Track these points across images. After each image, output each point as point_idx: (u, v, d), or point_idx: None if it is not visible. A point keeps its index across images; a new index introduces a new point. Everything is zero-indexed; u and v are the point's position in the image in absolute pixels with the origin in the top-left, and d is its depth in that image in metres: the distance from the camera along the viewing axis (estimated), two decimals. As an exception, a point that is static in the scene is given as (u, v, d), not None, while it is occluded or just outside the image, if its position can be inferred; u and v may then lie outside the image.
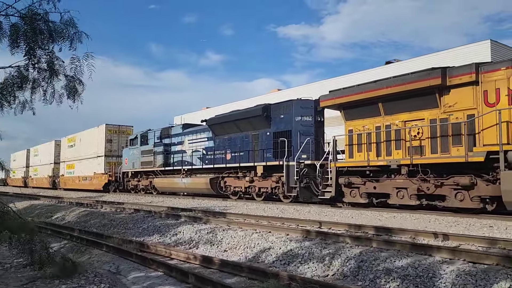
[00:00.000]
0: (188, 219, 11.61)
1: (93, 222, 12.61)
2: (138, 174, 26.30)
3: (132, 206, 16.94)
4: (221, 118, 19.21)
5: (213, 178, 19.37)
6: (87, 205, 17.67)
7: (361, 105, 12.94)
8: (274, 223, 10.49)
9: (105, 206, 16.50)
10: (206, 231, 9.58)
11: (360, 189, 12.81)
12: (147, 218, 12.51)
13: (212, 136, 20.10)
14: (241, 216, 11.93)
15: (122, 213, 14.34)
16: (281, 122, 16.23)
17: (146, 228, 11.14)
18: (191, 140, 21.66)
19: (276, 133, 16.41)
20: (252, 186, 17.31)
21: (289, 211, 13.28)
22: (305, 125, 15.61)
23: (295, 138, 15.61)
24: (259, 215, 11.81)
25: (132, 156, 26.53)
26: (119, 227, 11.70)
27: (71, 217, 14.36)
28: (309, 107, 15.68)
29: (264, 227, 9.27)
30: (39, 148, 49.25)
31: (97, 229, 11.76)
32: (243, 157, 17.73)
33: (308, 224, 9.81)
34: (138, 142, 25.92)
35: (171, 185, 22.45)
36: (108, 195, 27.54)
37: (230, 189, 18.59)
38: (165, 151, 23.25)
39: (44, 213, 16.53)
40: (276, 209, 14.10)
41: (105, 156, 31.36)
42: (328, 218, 11.18)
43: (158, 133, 24.46)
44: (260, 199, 17.10)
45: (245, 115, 17.59)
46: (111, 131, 32.19)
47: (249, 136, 17.75)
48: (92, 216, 13.54)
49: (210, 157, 20.03)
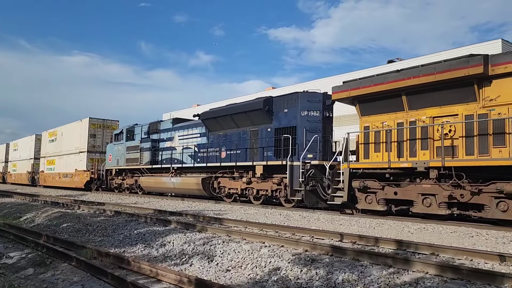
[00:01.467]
0: (179, 226, 9.80)
1: (66, 227, 10.70)
2: (123, 172, 24.32)
3: (113, 207, 15.03)
4: (216, 112, 17.41)
5: (206, 178, 17.55)
6: (63, 205, 15.70)
7: (380, 98, 11.30)
8: (283, 233, 8.76)
9: (83, 207, 14.56)
10: (201, 241, 7.79)
11: (377, 195, 11.14)
12: (130, 223, 10.66)
13: (205, 132, 18.28)
14: (241, 223, 10.17)
15: (101, 215, 12.44)
16: (284, 117, 14.50)
17: (128, 235, 9.30)
18: (182, 136, 19.80)
19: (279, 129, 14.67)
20: (249, 188, 15.54)
21: (295, 218, 11.56)
22: (312, 121, 13.90)
23: (300, 135, 13.90)
24: (262, 223, 10.05)
25: (117, 153, 24.54)
26: (96, 234, 9.83)
27: (41, 219, 12.41)
28: (316, 101, 13.98)
29: (274, 239, 7.51)
30: (19, 142, 46.76)
31: (69, 235, 9.86)
32: (240, 155, 15.96)
33: (325, 235, 8.10)
34: (124, 137, 23.96)
35: (159, 185, 20.55)
36: (90, 194, 25.51)
37: (224, 190, 16.79)
38: (152, 148, 21.34)
39: (13, 213, 14.51)
40: (279, 215, 12.36)
41: (88, 152, 29.29)
42: (346, 228, 9.48)
43: (145, 128, 22.54)
44: (258, 202, 15.35)
45: (244, 109, 15.82)
46: (95, 125, 30.13)
47: (247, 133, 15.99)
48: (65, 219, 11.62)
49: (202, 155, 18.21)
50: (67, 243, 8.52)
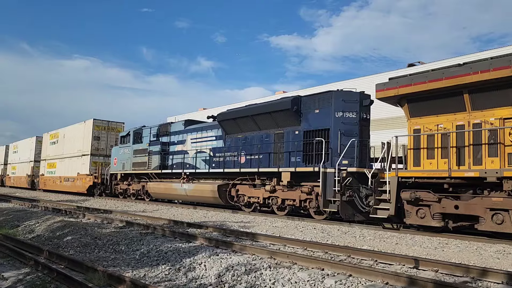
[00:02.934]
0: (205, 242, 8.25)
1: (71, 240, 9.16)
2: (129, 177, 22.78)
3: (122, 216, 13.50)
4: (235, 113, 15.91)
5: (222, 185, 16.01)
6: (66, 213, 14.15)
7: (436, 97, 9.81)
8: (335, 254, 7.22)
9: (88, 215, 13.01)
10: (242, 267, 6.25)
11: (432, 208, 9.61)
12: (146, 237, 9.13)
13: (221, 135, 16.77)
14: (278, 240, 8.62)
15: (110, 226, 10.90)
16: (315, 119, 13.00)
17: (145, 253, 7.76)
18: (195, 139, 18.29)
19: (308, 132, 13.17)
20: (273, 197, 13.99)
21: (334, 233, 10.01)
22: (348, 123, 12.40)
23: (334, 138, 12.39)
24: (304, 241, 8.52)
25: (123, 156, 23.01)
26: (107, 250, 8.29)
27: (42, 229, 10.86)
28: (353, 101, 12.49)
29: (336, 265, 5.97)
30: (19, 144, 45.26)
31: (74, 250, 8.33)
32: (262, 161, 14.44)
33: (393, 260, 6.55)
34: (131, 140, 22.43)
35: (169, 191, 18.99)
36: (93, 199, 23.96)
37: (244, 199, 15.25)
38: (162, 151, 19.81)
39: (10, 221, 12.96)
40: (313, 229, 10.82)
41: (91, 155, 27.78)
42: (406, 248, 7.94)
43: (154, 130, 21.02)
44: (283, 213, 13.79)
45: (268, 109, 14.32)
46: (99, 127, 28.65)
47: (271, 136, 14.47)
48: (70, 230, 10.09)
49: (218, 159, 16.68)
50: (73, 263, 6.97)
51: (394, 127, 17.67)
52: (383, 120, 18.89)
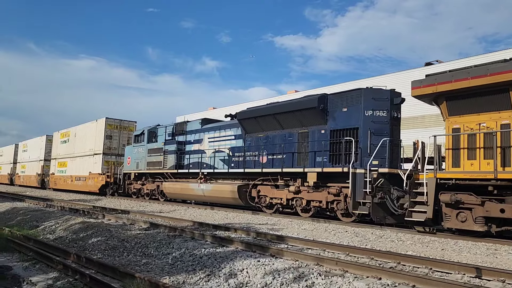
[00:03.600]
0: (241, 246, 7.82)
1: (96, 242, 8.76)
2: (143, 176, 22.40)
3: (141, 217, 13.11)
4: (256, 111, 15.47)
5: (242, 185, 15.58)
6: (84, 213, 13.78)
7: (478, 94, 9.32)
8: (383, 261, 6.76)
9: (108, 216, 12.63)
10: (288, 274, 5.81)
11: (474, 212, 9.11)
12: (174, 239, 8.71)
13: (241, 134, 16.34)
14: (315, 244, 8.17)
15: (134, 227, 10.51)
16: (343, 117, 12.53)
17: (178, 257, 7.34)
18: (213, 138, 17.87)
19: (336, 131, 12.70)
20: (297, 199, 13.53)
21: (369, 237, 9.54)
22: (378, 122, 11.92)
23: (364, 138, 11.92)
24: (344, 245, 8.07)
25: (137, 155, 22.64)
26: (136, 253, 7.88)
27: (63, 230, 10.48)
28: (383, 99, 12.01)
29: (395, 274, 5.50)
30: (29, 143, 45.10)
31: (102, 253, 7.92)
32: (285, 160, 13.99)
33: (451, 268, 6.08)
34: (145, 138, 22.05)
35: (185, 192, 18.59)
36: (106, 199, 23.63)
37: (265, 200, 14.80)
38: (178, 151, 19.41)
39: (28, 221, 12.61)
40: (344, 231, 10.35)
41: (103, 154, 27.45)
42: (454, 254, 7.46)
43: (170, 129, 20.63)
44: (308, 215, 13.33)
45: (292, 108, 13.87)
46: (112, 126, 28.30)
47: (294, 135, 14.02)
48: (93, 231, 9.69)
49: (238, 159, 16.25)
50: (105, 268, 6.55)
51: (420, 126, 17.18)
52: (407, 119, 18.33)
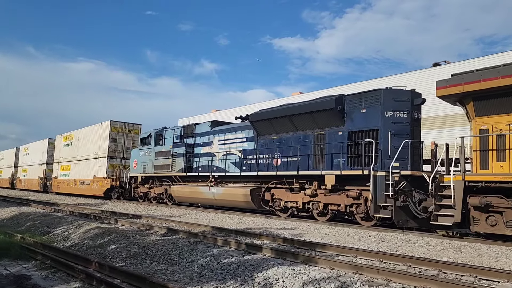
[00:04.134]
0: (270, 253, 7.50)
1: (116, 249, 8.43)
2: (150, 180, 22.07)
3: (154, 221, 12.78)
4: (269, 113, 15.18)
5: (255, 189, 15.26)
6: (95, 218, 13.45)
7: (508, 94, 9.05)
8: (423, 268, 6.45)
9: (121, 221, 12.30)
10: (329, 284, 5.50)
11: (505, 215, 8.83)
12: (197, 246, 8.40)
13: (253, 136, 16.04)
14: (342, 249, 7.86)
15: (152, 233, 10.18)
16: (361, 118, 12.25)
17: (205, 265, 7.02)
18: (223, 141, 17.56)
19: (354, 132, 12.42)
20: (314, 202, 13.23)
21: (396, 242, 9.24)
22: (399, 123, 11.64)
23: (384, 139, 11.63)
24: (377, 251, 7.77)
25: (143, 158, 22.32)
26: (159, 261, 7.56)
27: (78, 235, 10.15)
28: (404, 99, 11.73)
29: (444, 284, 5.20)
30: (30, 146, 44.70)
31: (124, 261, 7.60)
32: (300, 163, 13.68)
33: (497, 276, 5.78)
34: (152, 141, 21.75)
35: (195, 195, 18.27)
36: (111, 203, 23.29)
37: (279, 204, 14.49)
38: (187, 153, 19.10)
39: (39, 227, 12.27)
40: (368, 236, 10.05)
41: (108, 158, 27.09)
42: (498, 262, 7.16)
43: (178, 131, 20.33)
44: (325, 219, 13.02)
45: (307, 109, 13.58)
46: (116, 129, 27.96)
47: (310, 137, 13.73)
48: (110, 237, 9.36)
49: (250, 162, 15.95)
50: (131, 277, 6.23)
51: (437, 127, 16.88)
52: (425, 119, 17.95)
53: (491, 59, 20.56)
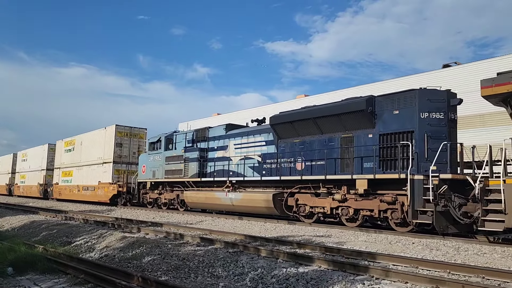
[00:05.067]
0: (326, 265, 6.96)
1: (152, 261, 7.84)
2: (160, 185, 21.45)
3: (177, 229, 12.20)
4: (292, 115, 14.68)
5: (277, 194, 14.73)
6: (115, 226, 12.82)
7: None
8: (503, 280, 5.95)
9: (145, 230, 11.70)
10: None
11: (561, 220, 8.38)
12: (240, 257, 7.85)
13: (273, 140, 15.52)
14: (400, 259, 7.34)
15: (184, 243, 9.59)
16: (394, 120, 11.78)
17: (257, 279, 6.47)
18: (240, 145, 17.03)
19: (385, 135, 11.95)
20: (343, 207, 12.72)
21: (446, 250, 8.74)
22: (435, 125, 11.19)
23: (420, 142, 11.17)
24: (436, 261, 7.26)
25: (153, 163, 21.70)
26: (204, 274, 6.98)
27: (104, 246, 9.53)
28: (440, 100, 11.30)
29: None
30: (29, 152, 43.80)
31: (167, 275, 7.01)
32: (326, 167, 13.17)
33: None
34: (162, 146, 21.14)
35: (210, 201, 17.68)
36: (118, 209, 22.64)
37: (304, 209, 13.96)
38: (201, 158, 18.53)
39: (57, 237, 11.63)
40: (410, 243, 9.54)
41: (114, 163, 26.44)
42: None
43: (190, 135, 19.77)
44: (354, 224, 12.51)
45: (335, 111, 13.10)
46: (122, 133, 27.33)
47: (336, 140, 13.24)
48: (142, 248, 8.76)
49: (270, 166, 15.42)
50: (185, 294, 5.66)
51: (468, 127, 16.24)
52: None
53: (505, 59, 20.21)
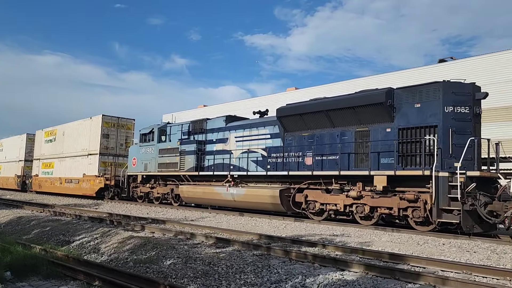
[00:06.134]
0: (375, 272, 6.28)
1: (174, 265, 7.00)
2: (152, 179, 20.45)
3: (184, 228, 11.37)
4: (302, 107, 13.95)
5: (284, 189, 14.03)
6: (114, 224, 11.86)
7: None
8: None
9: (150, 228, 10.81)
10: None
11: None
12: (270, 261, 7.12)
13: (279, 133, 14.78)
14: (449, 265, 6.75)
15: (200, 244, 8.76)
16: (415, 114, 11.21)
17: (297, 286, 5.75)
18: (241, 138, 16.22)
19: (405, 129, 11.37)
20: (358, 205, 12.12)
21: (485, 253, 8.22)
22: (460, 119, 10.67)
23: (444, 137, 10.63)
24: (490, 267, 6.70)
25: (144, 156, 20.65)
26: (236, 281, 6.19)
27: (111, 247, 8.60)
28: (465, 93, 10.78)
29: None
30: (5, 142, 41.76)
31: (195, 283, 6.20)
32: (339, 162, 12.53)
33: None
34: (155, 138, 20.12)
35: (209, 196, 16.84)
36: (106, 203, 21.54)
37: (314, 206, 13.30)
38: (198, 151, 17.64)
39: (52, 235, 10.60)
40: (439, 244, 9.00)
41: (100, 155, 25.19)
42: None
43: (186, 127, 18.82)
44: (370, 223, 11.94)
45: (350, 103, 12.45)
46: (109, 124, 26.07)
47: (349, 133, 12.61)
48: (157, 250, 7.89)
49: (276, 160, 14.68)
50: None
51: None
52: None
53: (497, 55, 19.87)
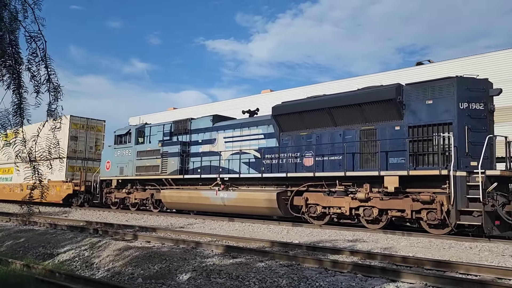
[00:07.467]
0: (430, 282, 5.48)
1: (193, 281, 5.89)
2: (128, 184, 18.97)
3: (179, 235, 10.23)
4: (301, 105, 13.12)
5: (281, 192, 13.13)
6: (97, 232, 10.50)
7: None
8: None
9: (143, 237, 9.57)
10: None
11: None
12: (304, 272, 6.19)
13: (274, 132, 13.90)
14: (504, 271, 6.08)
15: (212, 254, 7.67)
16: (426, 111, 10.65)
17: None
18: (231, 138, 15.20)
19: (416, 127, 10.79)
20: (366, 208, 11.40)
21: None
22: (475, 116, 10.20)
23: (459, 135, 10.12)
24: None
25: (120, 159, 19.13)
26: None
27: (108, 261, 7.36)
28: (480, 89, 10.34)
29: None
30: (-45, 146, 38.33)
31: (227, 302, 5.16)
32: (345, 162, 11.80)
33: None
34: (133, 139, 18.67)
35: (195, 201, 15.66)
36: (75, 211, 19.86)
37: (316, 210, 12.48)
38: (183, 153, 16.44)
39: (28, 248, 9.14)
40: (468, 247, 8.40)
41: (68, 158, 23.30)
42: None
43: (168, 127, 17.57)
44: (377, 226, 11.25)
45: (355, 100, 11.76)
46: (77, 125, 24.27)
47: (354, 132, 11.92)
48: (165, 264, 6.75)
49: (271, 162, 13.76)
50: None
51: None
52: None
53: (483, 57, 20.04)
